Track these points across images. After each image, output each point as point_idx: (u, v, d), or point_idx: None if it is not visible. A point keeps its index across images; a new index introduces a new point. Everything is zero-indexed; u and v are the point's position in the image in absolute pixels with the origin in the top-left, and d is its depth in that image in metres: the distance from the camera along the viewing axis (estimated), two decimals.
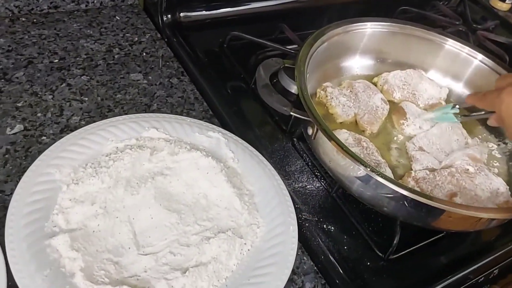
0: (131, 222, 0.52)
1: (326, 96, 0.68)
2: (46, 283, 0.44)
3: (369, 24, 0.71)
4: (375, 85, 0.74)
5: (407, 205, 0.51)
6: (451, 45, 0.74)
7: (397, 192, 0.49)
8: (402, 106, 0.71)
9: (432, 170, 0.63)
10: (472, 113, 0.65)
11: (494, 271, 0.62)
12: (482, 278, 0.61)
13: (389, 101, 0.73)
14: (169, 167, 0.57)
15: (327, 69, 0.70)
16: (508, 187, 0.61)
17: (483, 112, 0.62)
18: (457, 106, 0.66)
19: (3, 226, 0.47)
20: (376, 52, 0.75)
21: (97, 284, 0.45)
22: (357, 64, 0.75)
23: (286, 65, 0.62)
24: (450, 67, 0.76)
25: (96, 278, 0.46)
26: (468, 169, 0.62)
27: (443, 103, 0.76)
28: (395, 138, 0.68)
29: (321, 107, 0.69)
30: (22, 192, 0.50)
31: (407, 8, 1.02)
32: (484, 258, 0.59)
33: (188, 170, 0.57)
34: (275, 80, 0.75)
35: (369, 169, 0.49)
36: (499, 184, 0.61)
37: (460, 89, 0.77)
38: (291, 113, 0.56)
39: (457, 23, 1.06)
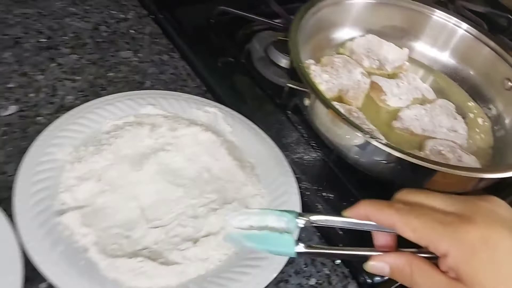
0: (137, 197, 0.52)
1: (310, 74, 0.69)
2: (62, 259, 0.44)
3: None
4: None
5: (402, 168, 0.53)
6: (439, 16, 0.76)
7: (395, 156, 0.51)
8: (375, 81, 0.72)
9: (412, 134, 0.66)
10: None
11: None
12: None
13: None
14: (170, 142, 0.58)
15: (318, 41, 0.71)
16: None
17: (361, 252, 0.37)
18: (299, 224, 0.40)
19: (10, 206, 0.47)
20: (364, 23, 0.76)
21: (112, 257, 0.46)
22: (347, 36, 0.76)
23: (278, 37, 0.63)
24: (437, 37, 0.78)
25: (110, 252, 0.46)
26: (441, 151, 0.64)
27: (407, 63, 0.78)
28: (381, 110, 0.70)
29: None
30: (26, 172, 0.50)
31: None
32: None
33: (189, 145, 0.58)
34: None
35: (367, 136, 0.51)
36: (471, 162, 0.63)
37: (446, 58, 0.80)
38: (288, 84, 0.57)
39: None
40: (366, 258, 0.36)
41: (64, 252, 0.45)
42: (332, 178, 0.63)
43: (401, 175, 0.55)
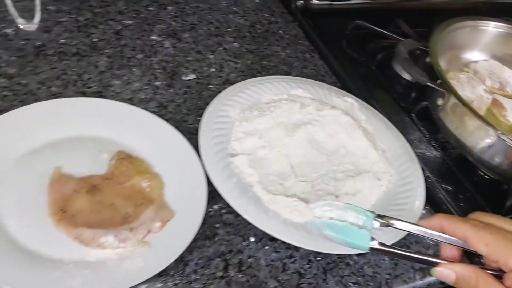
0: (288, 156, 0.63)
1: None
2: (235, 188, 0.55)
3: (492, 23, 0.80)
4: None
5: None
6: None
7: None
8: (497, 98, 0.78)
9: None
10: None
11: None
12: None
13: None
14: (316, 119, 0.68)
15: (448, 57, 0.79)
16: None
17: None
18: (375, 224, 0.42)
19: (193, 146, 0.59)
20: (490, 49, 0.84)
21: (272, 194, 0.56)
22: (473, 58, 0.84)
23: (418, 46, 0.72)
24: None
25: (270, 190, 0.57)
26: None
27: None
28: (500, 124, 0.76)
29: None
30: (207, 122, 0.62)
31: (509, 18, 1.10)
32: None
33: (330, 123, 0.68)
34: (387, 67, 0.86)
35: (499, 132, 0.58)
36: None
37: None
38: (427, 83, 0.65)
39: None
40: (433, 264, 0.39)
41: (236, 183, 0.56)
42: (450, 174, 0.70)
43: None
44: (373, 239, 0.41)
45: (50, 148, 0.56)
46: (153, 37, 0.77)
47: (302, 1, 0.93)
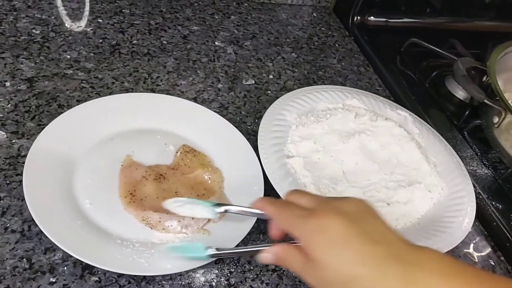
0: (341, 162, 0.65)
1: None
2: (291, 187, 0.58)
3: None
4: None
5: None
6: None
7: None
8: None
9: None
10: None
11: None
12: None
13: None
14: (369, 129, 0.70)
15: (503, 77, 0.79)
16: None
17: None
18: (217, 211, 0.49)
19: (253, 144, 0.62)
20: None
21: (324, 195, 0.59)
22: None
23: (476, 64, 0.73)
24: None
25: (323, 192, 0.59)
26: None
27: None
28: None
29: None
30: (265, 124, 0.65)
31: None
32: None
33: (384, 134, 0.70)
34: (440, 85, 0.87)
35: None
36: None
37: None
38: (485, 100, 0.66)
39: None
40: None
41: (292, 182, 0.59)
42: (501, 193, 0.70)
43: None
44: (208, 248, 0.47)
45: (122, 137, 0.60)
46: (217, 43, 0.82)
47: (359, 17, 0.96)
